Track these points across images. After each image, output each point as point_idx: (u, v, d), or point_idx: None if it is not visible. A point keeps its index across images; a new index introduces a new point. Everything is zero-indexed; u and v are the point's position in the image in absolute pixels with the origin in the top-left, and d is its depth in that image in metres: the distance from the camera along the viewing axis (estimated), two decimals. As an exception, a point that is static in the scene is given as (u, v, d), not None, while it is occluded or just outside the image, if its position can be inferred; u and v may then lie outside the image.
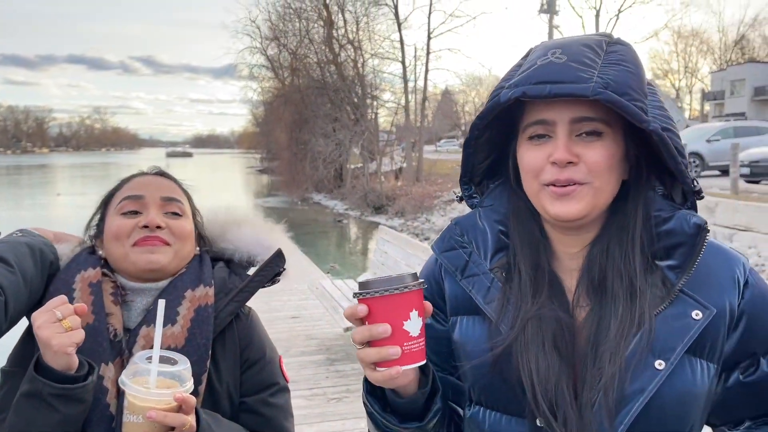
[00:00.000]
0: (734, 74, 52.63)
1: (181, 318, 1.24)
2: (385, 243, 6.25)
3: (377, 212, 24.41)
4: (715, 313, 0.96)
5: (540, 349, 0.98)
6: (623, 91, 0.92)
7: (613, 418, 0.93)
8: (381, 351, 0.89)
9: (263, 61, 37.31)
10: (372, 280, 0.90)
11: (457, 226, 1.12)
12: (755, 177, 15.86)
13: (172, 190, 1.33)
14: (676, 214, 1.02)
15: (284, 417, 1.34)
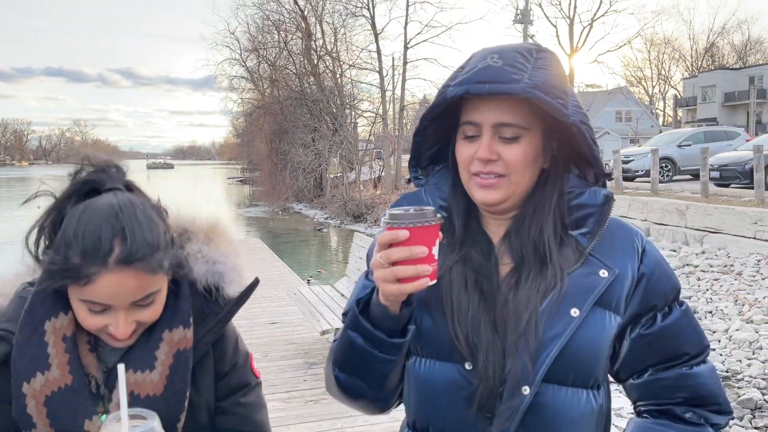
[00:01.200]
0: (705, 81, 53.79)
1: (159, 364, 1.19)
2: (361, 249, 6.38)
3: (357, 220, 24.52)
4: (618, 274, 1.15)
5: (462, 287, 1.15)
6: (547, 90, 1.10)
7: (534, 360, 1.09)
8: (418, 268, 1.01)
9: (243, 72, 37.43)
10: (403, 213, 1.04)
11: (404, 200, 1.29)
12: (724, 180, 16.27)
13: (143, 289, 1.13)
14: (587, 189, 1.21)
15: (257, 411, 1.36)
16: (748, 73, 51.79)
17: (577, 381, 1.13)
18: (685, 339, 1.20)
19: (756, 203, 12.39)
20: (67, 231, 1.12)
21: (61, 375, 1.16)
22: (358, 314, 1.12)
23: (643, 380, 1.20)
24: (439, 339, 1.16)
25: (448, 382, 1.15)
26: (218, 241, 1.31)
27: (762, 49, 63.43)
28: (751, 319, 7.87)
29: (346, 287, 6.37)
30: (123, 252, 1.09)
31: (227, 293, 1.30)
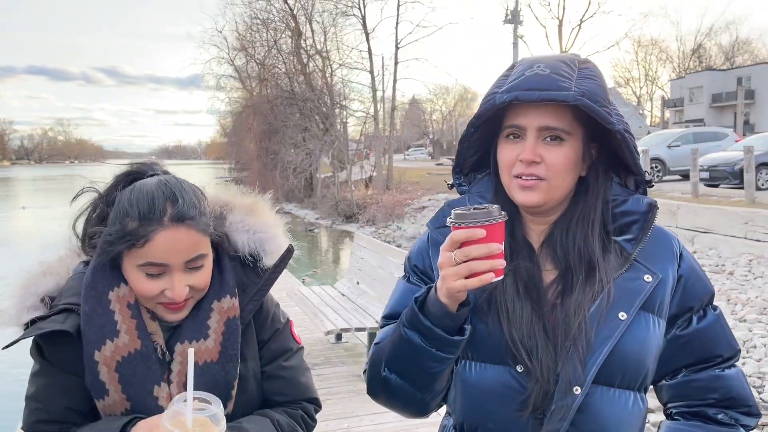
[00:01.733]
0: (692, 82, 54.29)
1: (212, 332, 1.28)
2: (362, 249, 6.39)
3: (348, 221, 24.50)
4: (660, 278, 1.19)
5: (516, 297, 1.18)
6: (595, 99, 1.14)
7: (584, 364, 1.13)
8: (493, 262, 1.05)
9: (231, 71, 37.27)
10: (469, 212, 1.07)
11: (449, 207, 1.30)
12: (714, 181, 16.45)
13: (195, 247, 1.23)
14: (630, 197, 1.25)
15: (301, 374, 1.44)
16: (735, 74, 52.34)
17: (624, 383, 1.17)
18: (718, 342, 1.24)
19: (746, 203, 12.53)
20: (121, 204, 1.24)
21: (130, 340, 1.24)
22: (417, 312, 1.13)
23: (677, 381, 1.24)
24: (491, 343, 1.19)
25: (499, 384, 1.18)
26: (259, 213, 1.42)
27: (750, 50, 64.22)
28: (744, 318, 7.96)
29: (347, 288, 6.37)
30: (175, 211, 1.21)
31: (266, 263, 1.39)
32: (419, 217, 21.11)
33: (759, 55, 63.05)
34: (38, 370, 1.28)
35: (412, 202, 23.15)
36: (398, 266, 5.44)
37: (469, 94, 74.34)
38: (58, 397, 1.26)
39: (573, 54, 1.24)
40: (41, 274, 1.32)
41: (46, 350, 1.26)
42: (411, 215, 21.65)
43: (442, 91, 65.44)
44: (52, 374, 1.26)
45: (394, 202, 23.80)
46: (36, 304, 1.27)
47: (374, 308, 5.53)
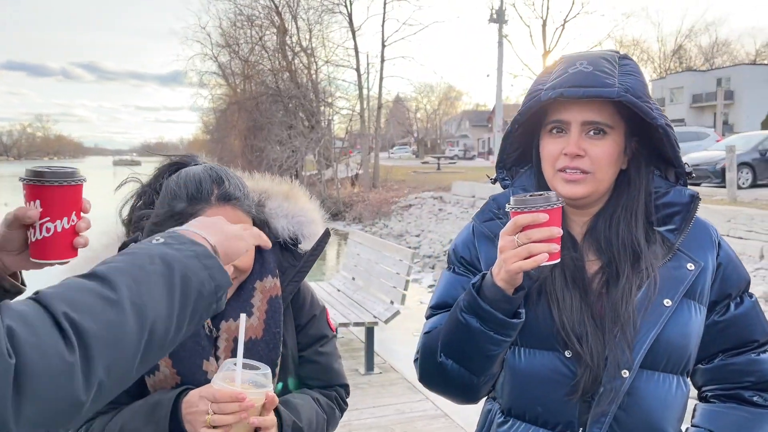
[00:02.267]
0: (673, 82, 55.00)
1: (256, 310, 1.34)
2: (357, 245, 6.43)
3: (335, 218, 24.48)
4: (702, 266, 1.24)
5: (564, 287, 1.22)
6: (638, 95, 1.18)
7: (632, 348, 1.17)
8: (551, 245, 1.10)
9: (214, 68, 37.02)
10: (531, 198, 1.12)
11: (494, 202, 1.37)
12: (697, 180, 16.70)
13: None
14: (672, 189, 1.30)
15: (335, 360, 1.53)
16: (715, 74, 53.09)
17: (668, 367, 1.21)
18: (754, 327, 1.29)
19: (728, 202, 12.77)
20: (169, 187, 1.29)
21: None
22: (476, 296, 1.18)
23: (714, 365, 1.29)
24: (540, 330, 1.23)
25: (548, 369, 1.22)
26: (296, 199, 1.47)
27: (729, 51, 65.14)
28: (728, 314, 8.14)
29: (343, 283, 6.40)
30: (222, 191, 1.28)
31: (304, 247, 1.44)
32: (406, 215, 21.18)
33: (738, 56, 64.05)
34: None
35: (398, 201, 23.21)
36: (394, 261, 5.49)
37: (453, 93, 74.60)
38: None
39: (612, 50, 1.28)
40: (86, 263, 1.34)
41: None
42: (398, 213, 21.71)
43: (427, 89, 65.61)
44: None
45: (380, 200, 23.84)
46: None
47: (370, 303, 5.57)
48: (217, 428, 1.18)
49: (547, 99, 1.19)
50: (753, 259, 10.32)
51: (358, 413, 4.42)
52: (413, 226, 19.08)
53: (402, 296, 5.17)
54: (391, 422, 4.29)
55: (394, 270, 5.42)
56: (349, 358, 5.63)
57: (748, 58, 62.90)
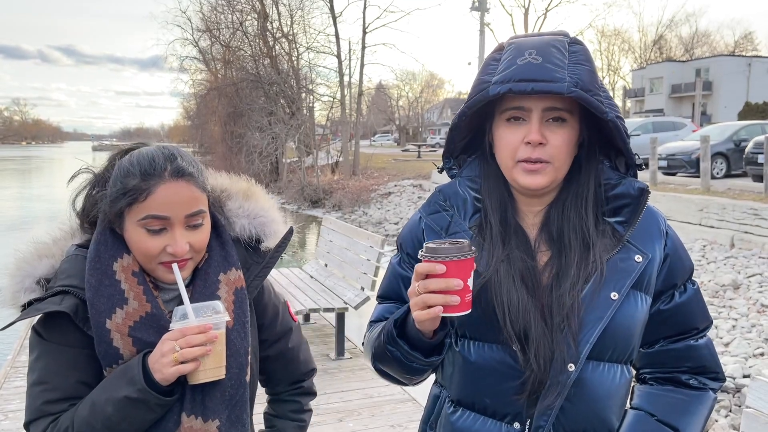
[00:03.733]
0: (653, 72, 55.44)
1: (223, 301, 1.33)
2: (330, 232, 6.43)
3: (314, 206, 24.45)
4: (650, 258, 1.24)
5: (511, 284, 1.20)
6: (588, 88, 1.15)
7: (577, 341, 1.17)
8: (447, 298, 1.07)
9: (195, 53, 36.60)
10: (440, 246, 1.08)
11: (440, 193, 1.34)
12: (672, 169, 16.93)
13: (195, 201, 1.28)
14: (623, 181, 1.28)
15: (300, 351, 1.57)
16: (694, 65, 53.62)
17: (614, 357, 1.22)
18: (695, 315, 1.31)
19: (702, 191, 12.96)
20: (122, 167, 1.28)
21: (140, 305, 1.28)
22: (396, 337, 1.18)
23: (654, 350, 1.31)
24: (488, 325, 1.22)
25: (497, 362, 1.22)
26: (256, 198, 1.47)
27: (708, 42, 65.76)
28: (697, 301, 8.29)
29: (315, 270, 6.41)
30: (175, 166, 1.27)
31: (268, 245, 1.44)
32: (385, 202, 21.21)
33: (717, 47, 64.70)
34: (39, 354, 1.28)
35: (378, 188, 23.22)
36: (366, 248, 5.51)
37: (435, 81, 74.49)
38: (67, 371, 1.27)
39: (562, 32, 1.24)
40: (36, 256, 1.33)
41: (45, 334, 1.28)
42: (377, 201, 21.72)
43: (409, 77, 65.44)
44: (58, 352, 1.27)
45: (360, 187, 23.82)
46: (32, 287, 1.29)
47: (342, 289, 5.60)
48: (186, 364, 1.19)
49: (495, 94, 1.17)
50: (724, 248, 10.52)
51: (326, 398, 4.45)
52: (392, 214, 19.12)
53: (372, 282, 5.19)
54: (358, 406, 4.33)
55: (365, 257, 5.45)
56: (320, 344, 5.66)
57: (727, 49, 63.58)
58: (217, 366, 1.25)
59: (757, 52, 63.50)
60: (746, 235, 10.53)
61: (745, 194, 12.39)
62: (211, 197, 1.35)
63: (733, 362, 6.42)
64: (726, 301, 8.20)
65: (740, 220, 10.80)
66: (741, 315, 7.68)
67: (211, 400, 1.29)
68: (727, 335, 7.17)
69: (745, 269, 9.30)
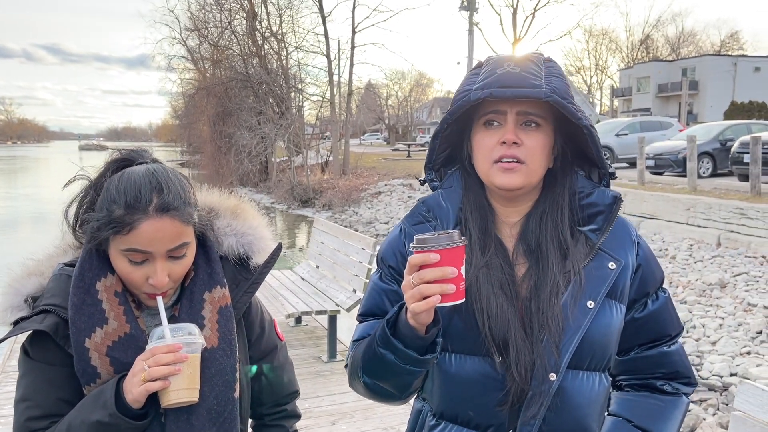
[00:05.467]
0: (640, 72, 55.84)
1: (208, 321, 1.33)
2: (322, 234, 6.44)
3: (304, 205, 24.43)
4: (623, 264, 1.27)
5: (491, 292, 1.23)
6: (564, 96, 1.21)
7: (559, 350, 1.20)
8: (443, 286, 1.08)
9: (183, 52, 36.41)
10: (430, 237, 1.10)
11: (423, 205, 1.37)
12: (659, 169, 17.06)
13: (178, 236, 1.27)
14: (596, 190, 1.32)
15: (285, 372, 1.56)
16: (680, 65, 54.08)
17: (592, 365, 1.25)
18: (668, 322, 1.35)
19: (688, 191, 13.09)
20: (109, 191, 1.27)
21: (119, 326, 1.29)
22: (389, 335, 1.18)
23: (629, 357, 1.35)
24: (470, 337, 1.23)
25: (479, 374, 1.23)
26: (245, 216, 1.47)
27: (694, 42, 66.31)
28: (684, 300, 8.39)
29: (307, 271, 6.42)
30: (161, 201, 1.24)
31: (257, 261, 1.44)
32: (375, 202, 21.23)
33: (703, 47, 65.24)
34: (25, 371, 1.31)
35: (368, 188, 23.23)
36: (357, 250, 5.53)
37: (424, 80, 74.55)
38: (48, 389, 1.29)
39: (536, 52, 1.30)
40: (26, 274, 1.35)
41: (31, 352, 1.30)
42: (367, 200, 21.74)
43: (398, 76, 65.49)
44: (40, 370, 1.29)
45: (350, 187, 23.83)
46: (20, 305, 1.31)
47: (333, 291, 5.61)
48: (154, 382, 1.19)
49: (477, 99, 1.21)
50: (710, 247, 10.64)
51: (319, 400, 4.47)
52: (383, 214, 19.15)
53: (364, 284, 5.21)
54: (351, 409, 4.35)
55: (357, 258, 5.47)
56: (312, 346, 5.67)
57: (713, 49, 64.10)
58: (188, 388, 1.24)
59: (742, 51, 64.10)
60: (732, 234, 10.65)
61: (731, 194, 12.53)
62: (197, 225, 1.34)
63: (720, 361, 6.50)
64: (713, 300, 8.30)
65: (726, 220, 10.92)
66: (728, 314, 7.77)
67: (197, 418, 1.29)
68: (714, 334, 7.26)
69: (732, 268, 9.41)
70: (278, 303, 5.56)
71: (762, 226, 10.29)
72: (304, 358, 5.37)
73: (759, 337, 7.02)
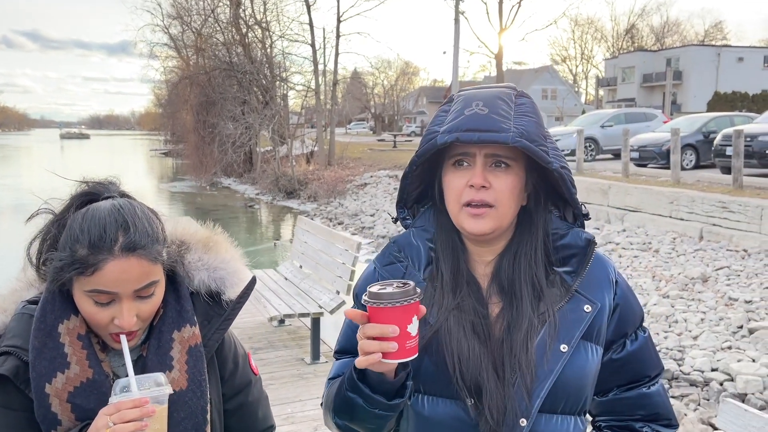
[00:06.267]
0: (625, 62, 56.06)
1: (176, 362, 1.29)
2: (305, 233, 6.38)
3: (289, 197, 24.30)
4: (599, 307, 1.25)
5: (462, 335, 1.21)
6: (533, 139, 1.18)
7: (531, 394, 1.18)
8: (383, 344, 1.06)
9: (166, 39, 35.98)
10: (382, 292, 1.08)
11: (395, 244, 1.35)
12: (643, 161, 17.17)
13: (145, 276, 1.22)
14: (570, 231, 1.30)
15: (259, 407, 1.49)
16: (665, 55, 54.32)
17: (566, 409, 1.23)
18: (647, 363, 1.32)
19: (672, 183, 13.17)
20: (72, 229, 1.22)
21: (81, 370, 1.24)
22: (357, 381, 1.16)
23: (608, 399, 1.33)
24: (441, 380, 1.21)
25: (451, 417, 1.22)
26: (217, 249, 1.41)
27: (679, 31, 66.66)
28: (667, 294, 8.45)
29: (290, 271, 6.37)
30: (127, 241, 1.20)
31: (229, 296, 1.39)
32: (361, 194, 21.17)
33: (687, 36, 65.64)
34: None
35: (354, 179, 23.16)
36: (341, 251, 5.49)
37: (410, 69, 74.32)
38: None
39: (508, 86, 1.27)
40: None
41: None
42: (353, 192, 21.67)
43: (384, 65, 65.22)
44: (2, 414, 1.24)
45: (335, 178, 23.74)
46: None
47: (317, 292, 5.57)
48: None
49: (443, 143, 1.20)
50: (693, 241, 10.72)
51: (301, 405, 4.44)
52: (368, 206, 19.09)
53: (348, 286, 5.18)
54: (334, 413, 4.32)
55: (341, 260, 5.42)
56: (295, 347, 5.63)
57: (697, 38, 64.51)
58: None
59: (726, 41, 64.58)
60: (714, 228, 10.73)
61: (714, 186, 12.62)
62: (166, 262, 1.29)
63: (702, 355, 6.56)
64: (695, 294, 8.37)
65: (709, 213, 11.00)
66: (709, 308, 7.84)
67: None
68: (695, 328, 7.32)
69: (714, 262, 9.49)
70: (260, 305, 5.51)
71: (744, 219, 10.38)
72: (287, 359, 5.33)
73: (740, 332, 7.08)
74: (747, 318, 7.31)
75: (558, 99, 55.07)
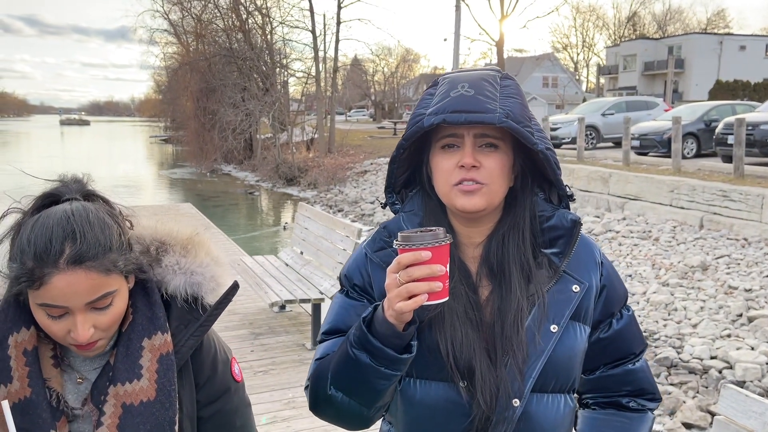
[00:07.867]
0: (626, 50, 55.78)
1: (145, 371, 1.23)
2: (306, 219, 6.38)
3: (289, 184, 24.29)
4: (587, 287, 1.28)
5: (455, 320, 1.22)
6: (519, 120, 1.19)
7: (523, 375, 1.20)
8: (432, 284, 1.07)
9: (165, 25, 35.78)
10: (415, 235, 1.08)
11: (385, 230, 1.35)
12: (644, 149, 17.12)
13: (96, 289, 1.14)
14: (556, 213, 1.31)
15: (238, 418, 1.41)
16: (667, 42, 54.06)
17: (557, 388, 1.25)
18: (632, 340, 1.36)
19: (672, 172, 13.15)
20: (21, 239, 1.15)
21: (21, 387, 1.18)
22: (366, 332, 1.15)
23: (595, 376, 1.36)
24: (433, 362, 1.22)
25: (444, 400, 1.23)
26: (196, 252, 1.33)
27: (681, 19, 66.30)
28: (667, 282, 8.47)
29: (291, 257, 6.37)
30: (73, 252, 1.12)
31: (207, 302, 1.32)
32: (361, 181, 21.16)
33: (689, 24, 65.30)
34: None
35: (354, 166, 23.13)
36: (342, 237, 5.49)
37: (411, 56, 73.98)
38: None
39: (493, 68, 1.27)
40: None
41: None
42: (353, 179, 21.65)
43: (385, 52, 64.89)
44: None
45: (336, 165, 23.72)
46: None
47: (318, 278, 5.58)
48: None
49: (429, 125, 1.20)
50: (693, 229, 10.73)
51: (302, 390, 4.44)
52: (368, 193, 19.09)
53: (348, 272, 5.18)
54: (335, 398, 4.34)
55: (342, 246, 5.43)
56: (296, 333, 5.65)
57: (700, 26, 64.19)
58: None
59: (728, 29, 64.25)
60: (715, 216, 10.74)
61: (715, 175, 12.61)
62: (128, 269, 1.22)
63: (701, 344, 6.58)
64: (695, 283, 8.39)
65: (709, 201, 11.00)
66: (709, 296, 7.86)
67: None
68: (695, 316, 7.35)
69: (714, 250, 9.50)
70: (261, 291, 5.52)
71: (744, 208, 10.38)
72: (288, 345, 5.36)
73: (739, 320, 7.11)
74: (746, 306, 7.33)
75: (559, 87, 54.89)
